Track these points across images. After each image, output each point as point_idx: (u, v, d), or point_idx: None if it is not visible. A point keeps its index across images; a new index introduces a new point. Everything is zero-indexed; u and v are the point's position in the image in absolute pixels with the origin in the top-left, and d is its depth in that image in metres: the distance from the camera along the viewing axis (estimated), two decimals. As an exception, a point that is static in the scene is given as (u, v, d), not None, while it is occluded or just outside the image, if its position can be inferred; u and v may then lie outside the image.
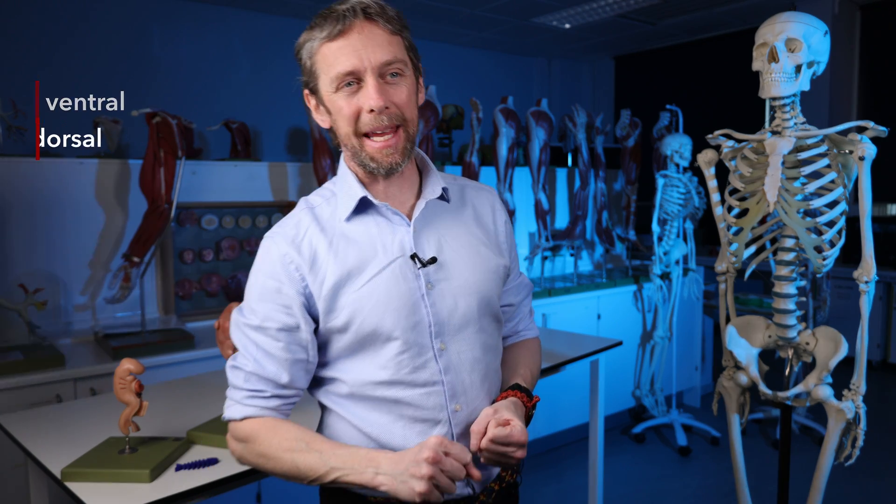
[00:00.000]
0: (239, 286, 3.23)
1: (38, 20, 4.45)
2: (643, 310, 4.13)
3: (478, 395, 1.10)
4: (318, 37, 1.01)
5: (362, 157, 1.04)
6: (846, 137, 1.77)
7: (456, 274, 1.08)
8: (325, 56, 1.01)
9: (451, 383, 1.07)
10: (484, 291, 1.11)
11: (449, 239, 1.10)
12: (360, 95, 1.00)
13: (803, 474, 2.11)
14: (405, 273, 1.05)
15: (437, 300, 1.06)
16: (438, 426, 1.06)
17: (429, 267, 1.06)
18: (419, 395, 1.05)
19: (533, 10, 5.46)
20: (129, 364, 1.50)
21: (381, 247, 1.06)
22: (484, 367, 1.11)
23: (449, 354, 1.07)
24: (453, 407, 1.07)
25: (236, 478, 1.47)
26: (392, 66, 1.01)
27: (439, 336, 1.06)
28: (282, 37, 5.44)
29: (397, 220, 1.08)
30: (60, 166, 2.81)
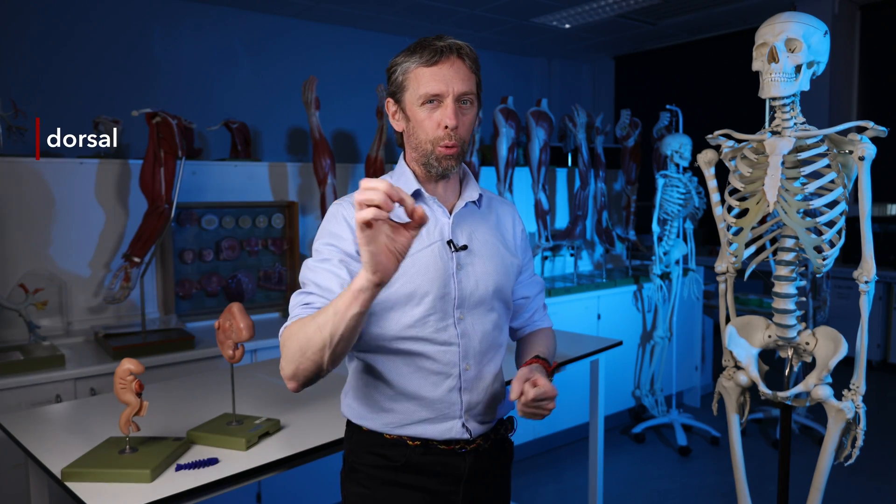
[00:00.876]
0: (239, 286, 3.23)
1: (38, 20, 4.45)
2: (643, 310, 4.14)
3: (483, 359, 1.34)
4: (416, 60, 1.26)
5: (430, 159, 1.29)
6: (846, 137, 1.77)
7: (479, 262, 1.33)
8: (418, 76, 1.26)
9: (465, 346, 1.30)
10: (499, 280, 1.35)
11: (477, 234, 1.36)
12: (440, 113, 1.26)
13: (803, 474, 2.11)
14: (442, 254, 1.30)
15: (464, 279, 1.31)
16: (450, 379, 1.29)
17: (460, 252, 1.31)
18: (438, 351, 1.28)
19: (533, 10, 5.46)
20: (130, 364, 1.50)
21: (426, 230, 1.30)
22: (491, 339, 1.35)
23: (465, 324, 1.31)
24: (464, 366, 1.31)
25: (236, 478, 1.47)
26: (466, 96, 1.28)
27: (460, 307, 1.30)
28: (282, 37, 5.45)
29: (440, 212, 1.33)
30: (60, 166, 2.81)
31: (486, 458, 1.37)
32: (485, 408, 1.35)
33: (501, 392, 1.41)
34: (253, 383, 2.13)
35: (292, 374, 1.14)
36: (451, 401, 1.31)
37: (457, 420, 1.32)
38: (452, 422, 1.31)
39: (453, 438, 1.32)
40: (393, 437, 1.31)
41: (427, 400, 1.29)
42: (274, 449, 1.59)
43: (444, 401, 1.30)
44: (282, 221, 3.37)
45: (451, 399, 1.31)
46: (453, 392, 1.30)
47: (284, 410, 1.84)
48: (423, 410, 1.30)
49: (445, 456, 1.32)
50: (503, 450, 1.44)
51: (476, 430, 1.34)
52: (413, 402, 1.29)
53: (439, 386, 1.29)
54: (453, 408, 1.31)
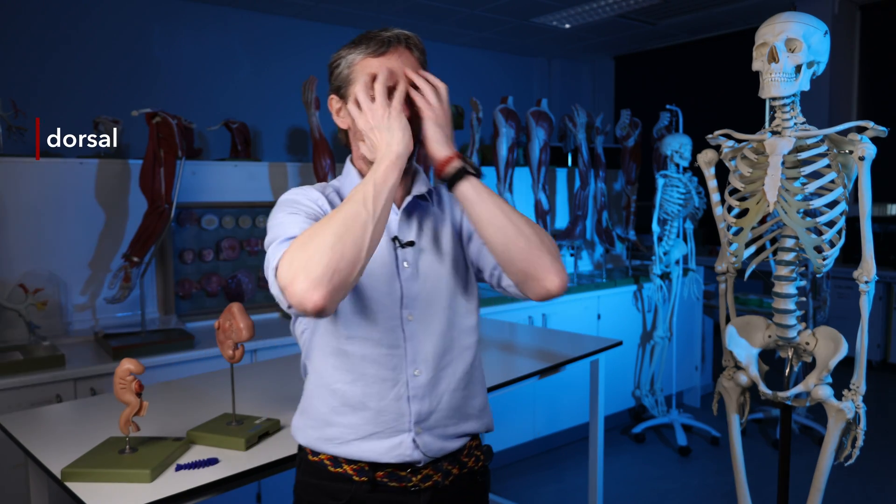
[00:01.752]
0: (239, 286, 3.23)
1: (38, 20, 4.45)
2: (643, 310, 4.13)
3: (440, 363, 1.21)
4: (362, 51, 1.17)
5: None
6: (846, 137, 1.77)
7: (429, 259, 1.23)
8: (365, 68, 1.16)
9: (413, 349, 1.18)
10: (453, 277, 1.24)
11: (427, 231, 1.25)
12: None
13: (803, 474, 2.11)
14: (388, 250, 1.19)
15: (411, 277, 1.20)
16: (397, 386, 1.18)
17: (407, 248, 1.21)
18: (383, 354, 1.17)
19: (533, 10, 5.46)
20: (129, 364, 1.50)
21: None
22: (448, 341, 1.22)
23: (415, 324, 1.19)
24: (413, 371, 1.18)
25: (236, 478, 1.47)
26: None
27: (408, 307, 1.19)
28: (282, 37, 5.45)
29: None
30: (60, 166, 2.81)
31: (449, 499, 1.22)
32: (443, 420, 1.21)
33: (470, 405, 1.25)
34: (253, 383, 2.13)
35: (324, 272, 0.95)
36: (398, 411, 1.17)
37: (406, 434, 1.18)
38: (401, 436, 1.17)
39: (403, 462, 1.18)
40: (337, 472, 1.19)
41: (372, 411, 1.17)
42: (274, 449, 1.59)
43: (390, 411, 1.17)
44: (282, 221, 3.36)
45: (399, 409, 1.17)
46: (401, 401, 1.17)
47: (284, 410, 1.83)
48: (367, 424, 1.17)
49: (396, 494, 1.18)
50: (472, 489, 1.27)
51: (431, 447, 1.19)
52: (358, 413, 1.17)
53: (385, 395, 1.17)
54: (402, 419, 1.17)
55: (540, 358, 2.42)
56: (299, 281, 0.95)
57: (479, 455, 1.30)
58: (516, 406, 3.42)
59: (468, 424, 1.25)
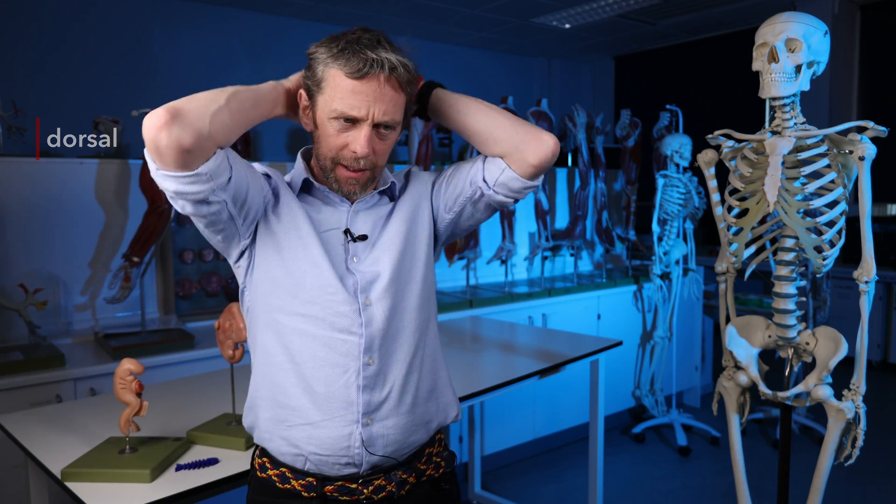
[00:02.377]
0: (238, 287, 3.23)
1: (38, 20, 4.45)
2: (643, 310, 4.13)
3: (393, 356, 1.16)
4: (340, 65, 1.08)
5: (330, 178, 1.16)
6: (846, 137, 1.77)
7: (382, 249, 1.18)
8: (340, 86, 1.09)
9: (369, 336, 1.13)
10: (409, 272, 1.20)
11: (387, 226, 1.21)
12: (351, 135, 1.11)
13: (803, 474, 2.11)
14: (336, 243, 1.17)
15: (362, 268, 1.16)
16: (347, 374, 1.12)
17: (359, 243, 1.18)
18: (336, 339, 1.12)
19: (533, 10, 5.46)
20: (129, 364, 1.50)
21: (323, 217, 1.19)
22: (407, 330, 1.18)
23: (372, 310, 1.14)
24: (366, 359, 1.13)
25: (236, 478, 1.47)
26: (387, 124, 1.12)
27: (365, 292, 1.15)
28: (282, 37, 5.45)
29: (338, 201, 1.20)
30: (60, 166, 2.81)
31: None
32: (394, 409, 1.14)
33: (423, 395, 1.19)
34: (253, 383, 2.13)
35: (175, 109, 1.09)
36: (347, 399, 1.11)
37: (354, 426, 1.11)
38: (349, 427, 1.11)
39: (350, 458, 1.12)
40: (286, 488, 1.14)
41: (320, 396, 1.11)
42: (274, 449, 1.59)
43: (338, 398, 1.11)
44: (282, 221, 3.36)
45: (348, 397, 1.11)
46: (350, 389, 1.11)
47: (284, 410, 1.83)
48: (314, 409, 1.11)
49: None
50: (436, 499, 1.22)
51: (380, 444, 1.13)
52: (305, 396, 1.12)
53: (335, 382, 1.11)
54: (350, 408, 1.11)
55: (540, 358, 2.42)
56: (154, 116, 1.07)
57: (440, 462, 1.23)
58: (516, 406, 3.42)
59: (424, 410, 1.19)
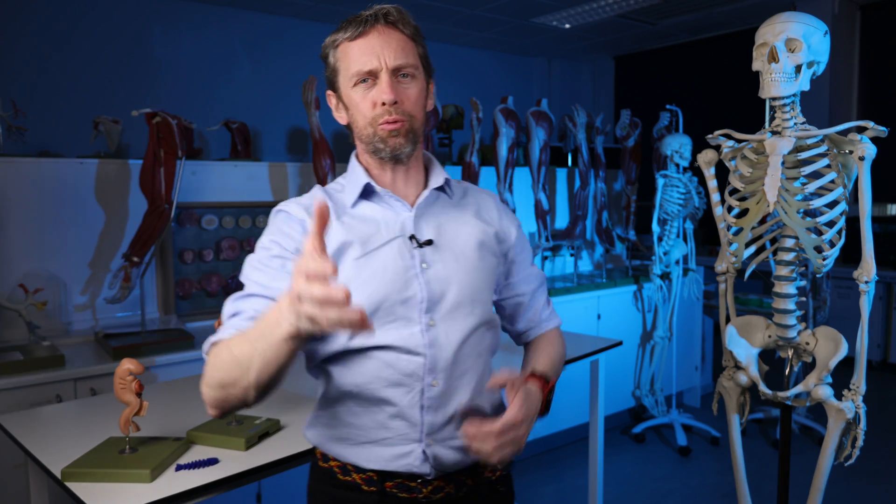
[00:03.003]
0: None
1: (38, 20, 4.45)
2: (643, 310, 4.13)
3: (459, 375, 1.13)
4: (342, 37, 1.12)
5: (375, 143, 1.12)
6: (846, 137, 1.77)
7: (451, 257, 1.15)
8: (346, 54, 1.11)
9: (433, 357, 1.10)
10: (476, 278, 1.17)
11: (447, 227, 1.18)
12: (375, 91, 1.10)
13: (803, 474, 2.11)
14: (402, 251, 1.12)
15: (432, 279, 1.12)
16: (411, 394, 1.10)
17: (425, 248, 1.14)
18: (401, 360, 1.10)
19: (533, 10, 5.46)
20: (129, 364, 1.50)
21: (383, 226, 1.14)
22: (470, 349, 1.15)
23: (437, 331, 1.11)
24: (430, 380, 1.11)
25: (236, 478, 1.47)
26: (404, 69, 1.11)
27: (429, 312, 1.11)
28: (282, 37, 5.45)
29: (399, 206, 1.16)
30: (60, 166, 2.81)
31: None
32: (455, 434, 1.13)
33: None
34: (253, 383, 2.13)
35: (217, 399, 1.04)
36: (411, 419, 1.11)
37: (416, 444, 1.11)
38: (411, 446, 1.11)
39: (412, 472, 1.11)
40: (346, 480, 1.14)
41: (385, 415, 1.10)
42: (274, 449, 1.59)
43: (402, 417, 1.10)
44: (282, 221, 3.37)
45: (412, 417, 1.11)
46: (414, 409, 1.10)
47: (284, 410, 1.83)
48: (378, 428, 1.11)
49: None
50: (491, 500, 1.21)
51: (443, 461, 1.12)
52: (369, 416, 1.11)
53: (399, 401, 1.10)
54: (413, 429, 1.11)
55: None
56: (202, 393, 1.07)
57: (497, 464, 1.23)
58: (516, 406, 3.41)
59: None
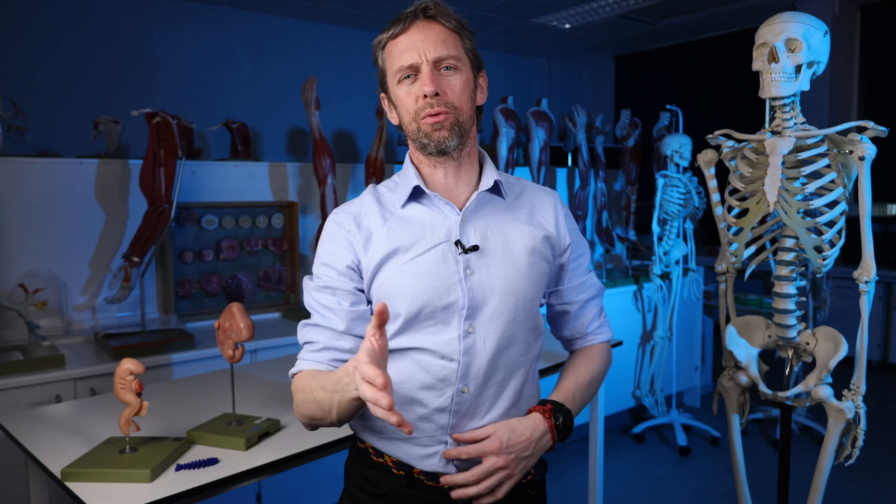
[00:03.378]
0: (239, 286, 3.23)
1: (38, 20, 4.45)
2: (643, 310, 4.13)
3: (492, 383, 1.14)
4: (386, 37, 1.14)
5: (420, 138, 1.13)
6: (846, 137, 1.77)
7: (496, 264, 1.14)
8: (390, 52, 1.13)
9: (466, 364, 1.11)
10: (522, 286, 1.15)
11: (496, 231, 1.16)
12: (417, 84, 1.11)
13: (803, 474, 2.11)
14: (447, 257, 1.12)
15: (475, 285, 1.12)
16: (442, 398, 1.12)
17: (470, 254, 1.13)
18: (435, 364, 1.11)
19: (533, 10, 5.46)
20: (129, 364, 1.50)
21: (429, 231, 1.14)
22: (507, 358, 1.15)
23: (474, 338, 1.12)
24: (461, 387, 1.11)
25: (236, 478, 1.47)
26: (446, 61, 1.12)
27: (469, 319, 1.11)
28: (282, 37, 5.45)
29: (447, 209, 1.16)
30: (60, 166, 2.81)
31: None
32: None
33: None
34: (253, 383, 2.13)
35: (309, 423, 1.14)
36: (440, 422, 1.12)
37: (442, 446, 1.13)
38: (437, 447, 1.13)
39: (436, 472, 1.13)
40: (378, 461, 1.17)
41: (414, 416, 1.12)
42: (274, 449, 1.59)
43: (430, 419, 1.12)
44: (282, 221, 3.37)
45: (440, 420, 1.12)
46: (444, 413, 1.12)
47: (284, 410, 1.83)
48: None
49: (433, 494, 1.13)
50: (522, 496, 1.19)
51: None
52: (403, 413, 1.11)
53: (429, 404, 1.12)
54: (440, 431, 1.12)
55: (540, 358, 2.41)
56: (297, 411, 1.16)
57: (530, 469, 1.19)
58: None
59: None
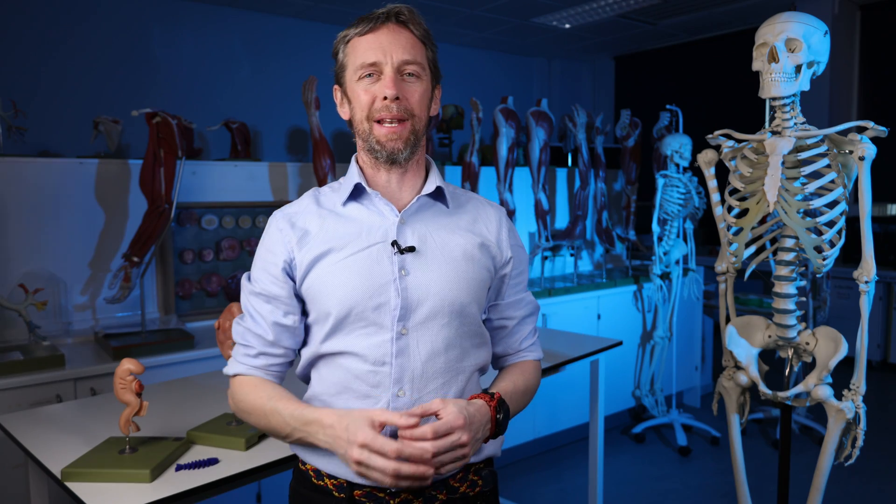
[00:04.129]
0: (238, 286, 3.23)
1: (38, 20, 4.45)
2: (643, 310, 4.13)
3: (428, 386, 1.11)
4: (353, 33, 1.13)
5: (371, 142, 1.13)
6: (846, 137, 1.77)
7: (433, 266, 1.12)
8: (355, 48, 1.13)
9: (400, 367, 1.09)
10: (459, 290, 1.13)
11: (435, 236, 1.15)
12: (378, 85, 1.11)
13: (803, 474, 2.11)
14: (381, 257, 1.11)
15: (410, 286, 1.11)
16: (378, 406, 1.10)
17: (406, 255, 1.12)
18: (367, 371, 1.10)
19: (533, 10, 5.46)
20: (129, 364, 1.50)
21: (366, 231, 1.14)
22: (443, 362, 1.12)
23: (407, 340, 1.10)
24: (396, 391, 1.09)
25: (236, 478, 1.47)
26: (410, 67, 1.12)
27: (402, 320, 1.10)
28: (282, 37, 5.45)
29: (387, 210, 1.15)
30: (60, 166, 2.81)
31: None
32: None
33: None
34: (253, 383, 2.13)
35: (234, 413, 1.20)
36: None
37: None
38: None
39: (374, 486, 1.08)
40: (319, 484, 1.13)
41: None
42: (274, 449, 1.59)
43: None
44: (282, 221, 3.37)
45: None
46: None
47: (284, 410, 1.83)
48: None
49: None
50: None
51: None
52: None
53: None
54: None
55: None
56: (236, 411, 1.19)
57: (477, 479, 1.16)
58: (516, 406, 3.42)
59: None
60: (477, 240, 1.18)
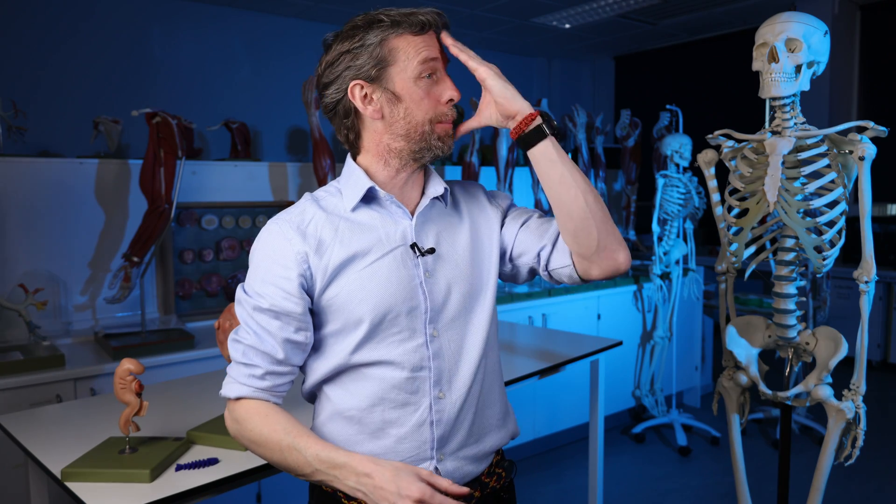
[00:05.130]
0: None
1: (38, 20, 4.45)
2: (643, 310, 4.13)
3: (464, 385, 1.12)
4: (404, 28, 1.07)
5: (430, 141, 1.10)
6: (846, 137, 1.77)
7: (451, 266, 1.13)
8: (413, 44, 1.07)
9: (437, 369, 1.10)
10: (476, 283, 1.15)
11: (445, 235, 1.16)
12: (438, 87, 1.10)
13: (803, 474, 2.11)
14: (405, 260, 1.10)
15: (434, 288, 1.11)
16: (419, 411, 1.09)
17: (427, 256, 1.12)
18: (405, 378, 1.09)
19: (533, 10, 5.46)
20: (129, 364, 1.50)
21: (384, 235, 1.11)
22: (473, 358, 1.14)
23: (440, 341, 1.11)
24: (436, 393, 1.10)
25: (236, 478, 1.47)
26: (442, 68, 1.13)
27: (433, 322, 1.11)
28: (282, 37, 5.45)
29: (399, 213, 1.13)
30: (60, 166, 2.81)
31: None
32: (464, 440, 1.13)
33: (490, 421, 1.18)
34: (253, 383, 2.13)
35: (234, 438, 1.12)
36: (420, 438, 1.09)
37: (427, 462, 1.10)
38: (423, 465, 1.10)
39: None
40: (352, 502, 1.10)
41: (392, 439, 1.09)
42: (274, 449, 1.59)
43: (411, 438, 1.09)
44: (282, 221, 3.37)
45: (421, 435, 1.09)
46: (423, 427, 1.09)
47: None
48: (387, 454, 1.09)
49: None
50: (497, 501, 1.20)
51: (455, 474, 1.12)
52: (376, 442, 1.09)
53: (406, 422, 1.09)
54: (423, 447, 1.10)
55: (540, 358, 2.42)
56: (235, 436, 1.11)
57: (501, 472, 1.21)
58: (516, 406, 3.39)
59: (490, 439, 1.18)
60: (476, 225, 1.19)
